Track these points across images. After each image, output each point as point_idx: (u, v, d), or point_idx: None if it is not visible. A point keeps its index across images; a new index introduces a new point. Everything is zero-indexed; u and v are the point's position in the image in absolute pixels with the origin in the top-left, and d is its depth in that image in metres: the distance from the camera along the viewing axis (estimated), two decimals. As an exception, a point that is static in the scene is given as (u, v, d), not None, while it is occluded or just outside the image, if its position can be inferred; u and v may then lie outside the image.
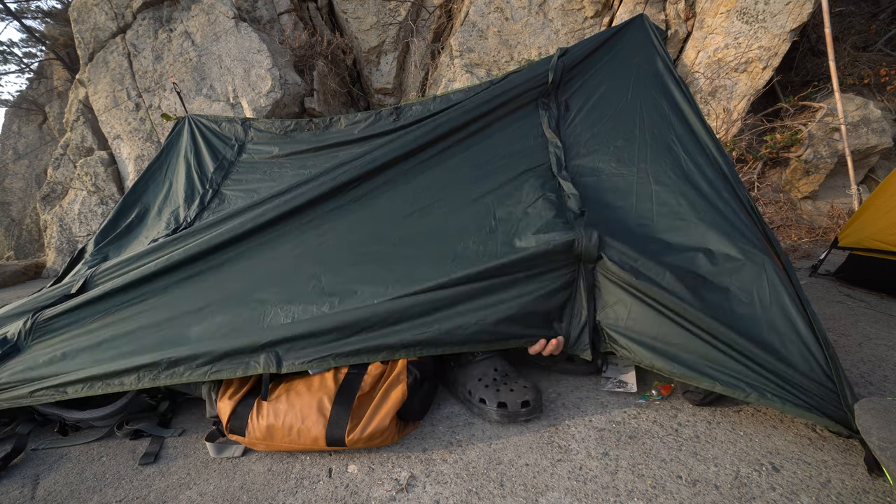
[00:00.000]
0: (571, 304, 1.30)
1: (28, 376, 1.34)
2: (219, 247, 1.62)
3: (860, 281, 2.18)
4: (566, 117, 1.74)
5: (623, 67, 1.74)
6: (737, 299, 1.17)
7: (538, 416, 1.25)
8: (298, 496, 1.04)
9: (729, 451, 1.06)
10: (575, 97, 1.77)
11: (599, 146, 1.62)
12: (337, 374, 1.22)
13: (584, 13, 3.95)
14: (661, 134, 1.54)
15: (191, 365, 1.25)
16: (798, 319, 1.10)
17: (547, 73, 1.77)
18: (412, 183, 1.71)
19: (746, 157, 3.82)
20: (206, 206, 2.16)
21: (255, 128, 2.47)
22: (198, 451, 1.25)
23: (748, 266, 1.19)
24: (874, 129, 3.47)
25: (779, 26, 3.35)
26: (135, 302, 1.55)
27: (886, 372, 1.38)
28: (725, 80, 3.60)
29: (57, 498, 1.12)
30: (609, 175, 1.55)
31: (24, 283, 5.04)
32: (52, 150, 8.05)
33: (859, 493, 0.91)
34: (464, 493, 0.99)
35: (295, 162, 2.19)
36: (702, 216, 1.32)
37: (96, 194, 4.99)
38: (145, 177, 2.50)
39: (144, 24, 4.56)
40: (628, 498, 0.94)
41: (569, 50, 1.80)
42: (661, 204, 1.41)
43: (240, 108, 4.26)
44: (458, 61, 4.25)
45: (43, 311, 1.56)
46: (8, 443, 1.34)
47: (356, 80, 5.25)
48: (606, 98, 1.72)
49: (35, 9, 10.80)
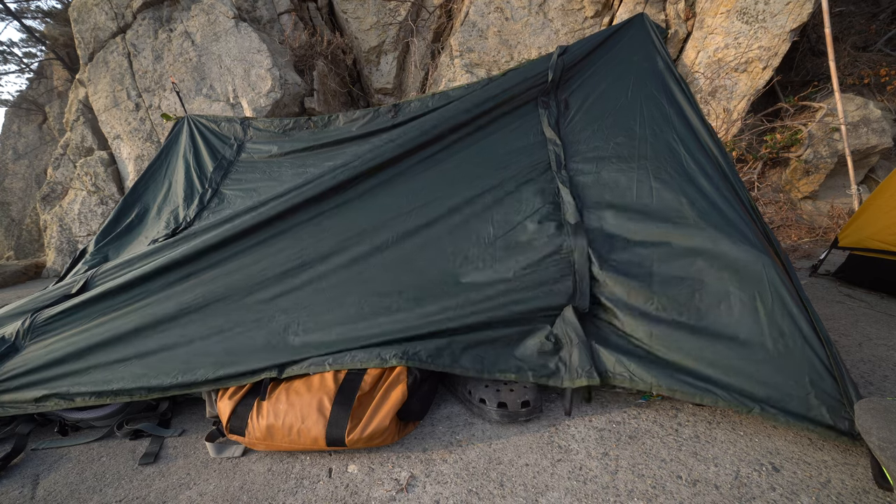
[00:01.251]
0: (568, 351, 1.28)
1: (30, 380, 1.34)
2: (218, 245, 1.62)
3: (860, 281, 2.18)
4: (566, 115, 1.74)
5: (623, 66, 1.74)
6: (737, 305, 1.17)
7: (538, 416, 1.25)
8: (298, 496, 1.04)
9: (729, 451, 1.06)
10: (575, 95, 1.76)
11: (600, 143, 1.62)
12: (337, 374, 1.22)
13: (584, 13, 3.95)
14: (661, 132, 1.54)
15: (199, 380, 1.26)
16: (801, 319, 1.10)
17: (547, 71, 1.77)
18: (411, 183, 1.70)
19: (746, 157, 3.82)
20: (205, 205, 2.16)
21: (254, 127, 2.47)
22: (198, 451, 1.25)
23: (749, 268, 1.19)
24: (874, 129, 3.47)
25: (779, 26, 3.35)
26: (133, 301, 1.55)
27: (886, 372, 1.38)
28: (725, 80, 3.60)
29: (57, 498, 1.12)
30: (609, 171, 1.55)
31: (24, 283, 5.04)
32: (52, 150, 8.05)
33: (859, 493, 0.91)
34: (464, 493, 0.99)
35: (294, 160, 2.19)
36: (702, 215, 1.32)
37: (96, 194, 4.99)
38: (145, 177, 2.51)
39: (144, 24, 4.55)
40: (628, 498, 0.94)
41: (569, 48, 1.80)
42: (660, 200, 1.41)
43: (240, 108, 4.26)
44: (458, 61, 4.25)
45: (41, 312, 1.56)
46: (8, 443, 1.34)
47: (356, 80, 5.25)
48: (606, 96, 1.71)
49: (35, 9, 10.80)
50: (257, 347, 1.34)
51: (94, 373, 1.34)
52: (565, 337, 1.27)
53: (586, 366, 1.20)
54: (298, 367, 1.24)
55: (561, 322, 1.31)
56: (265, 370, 1.25)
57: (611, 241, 1.39)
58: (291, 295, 1.49)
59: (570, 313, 1.30)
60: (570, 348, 1.25)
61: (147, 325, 1.47)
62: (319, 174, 1.74)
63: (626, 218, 1.42)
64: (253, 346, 1.35)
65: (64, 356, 1.39)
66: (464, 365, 1.23)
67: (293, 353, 1.30)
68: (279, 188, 1.78)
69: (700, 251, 1.27)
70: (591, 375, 1.19)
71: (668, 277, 1.28)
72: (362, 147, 1.96)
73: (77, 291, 1.66)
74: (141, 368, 1.33)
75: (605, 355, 1.22)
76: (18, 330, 1.51)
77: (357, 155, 1.75)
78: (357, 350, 1.25)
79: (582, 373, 1.20)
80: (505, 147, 1.72)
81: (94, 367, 1.36)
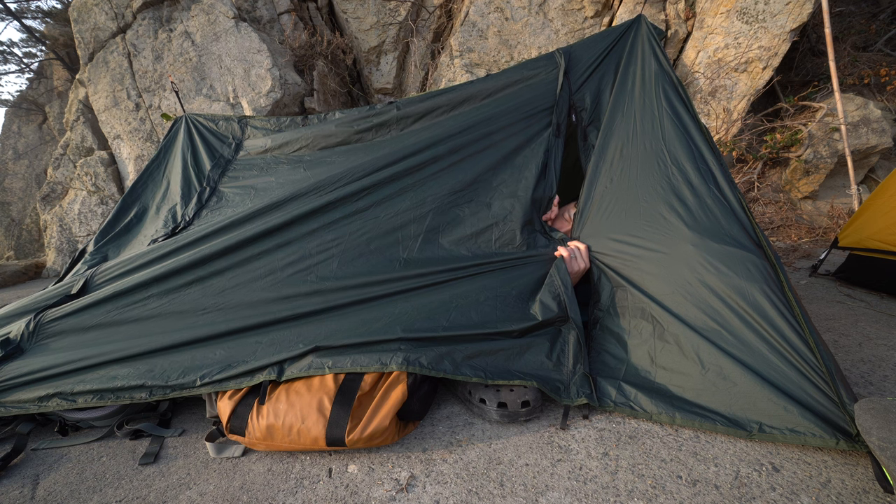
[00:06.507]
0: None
1: (33, 380, 1.34)
2: (222, 252, 1.63)
3: (860, 281, 2.18)
4: (585, 150, 1.74)
5: (622, 80, 1.72)
6: (725, 327, 1.19)
7: (538, 416, 1.25)
8: (298, 496, 1.04)
9: (729, 450, 1.06)
10: (591, 129, 1.76)
11: (599, 160, 1.64)
12: (337, 374, 1.22)
13: (584, 13, 3.95)
14: (652, 145, 1.54)
15: (200, 379, 1.26)
16: (786, 328, 1.11)
17: (550, 94, 1.76)
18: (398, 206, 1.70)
19: (746, 157, 3.82)
20: (204, 204, 2.16)
21: (252, 126, 2.47)
22: (198, 451, 1.25)
23: (734, 274, 1.20)
24: (874, 129, 3.47)
25: (779, 26, 3.35)
26: (139, 305, 1.55)
27: (886, 372, 1.38)
28: (725, 80, 3.60)
29: (57, 498, 1.12)
30: (601, 192, 1.59)
31: (24, 283, 5.04)
32: (52, 150, 8.06)
33: (859, 493, 0.91)
34: (464, 493, 0.99)
35: (291, 158, 2.19)
36: (691, 228, 1.33)
37: (96, 194, 4.99)
38: (144, 176, 2.50)
39: (144, 24, 4.55)
40: (628, 498, 0.94)
41: (570, 68, 1.77)
42: (648, 220, 1.43)
43: (240, 108, 4.26)
44: (458, 61, 4.25)
45: (45, 313, 1.56)
46: (8, 443, 1.34)
47: (356, 80, 5.25)
48: (605, 113, 1.72)
49: (35, 9, 10.81)
50: (259, 351, 1.34)
51: (96, 373, 1.34)
52: (566, 357, 1.30)
53: (586, 389, 1.23)
54: (298, 369, 1.24)
55: (561, 341, 1.34)
56: (266, 368, 1.25)
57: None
58: (295, 300, 1.49)
59: (572, 335, 1.34)
60: (569, 367, 1.28)
61: (149, 328, 1.48)
62: (323, 181, 1.74)
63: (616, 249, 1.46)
64: (255, 349, 1.35)
65: (67, 358, 1.38)
66: (465, 373, 1.24)
67: (294, 353, 1.30)
68: (283, 192, 1.78)
69: (692, 284, 1.29)
70: (592, 398, 1.22)
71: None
72: (356, 151, 1.97)
73: (77, 291, 1.66)
74: (143, 369, 1.33)
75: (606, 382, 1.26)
76: (23, 331, 1.51)
77: (353, 170, 1.75)
78: (358, 354, 1.25)
79: (581, 393, 1.23)
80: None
81: (96, 368, 1.36)
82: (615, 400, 1.21)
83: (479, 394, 1.26)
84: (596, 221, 1.56)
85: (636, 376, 1.25)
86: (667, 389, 1.20)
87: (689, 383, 1.18)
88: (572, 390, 1.23)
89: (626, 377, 1.25)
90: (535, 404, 1.22)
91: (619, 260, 1.44)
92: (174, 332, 1.45)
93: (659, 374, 1.23)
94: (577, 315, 1.36)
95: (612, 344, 1.35)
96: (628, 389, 1.21)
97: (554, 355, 1.31)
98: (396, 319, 1.35)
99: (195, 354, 1.36)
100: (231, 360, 1.31)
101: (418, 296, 1.45)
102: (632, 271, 1.40)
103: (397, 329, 1.30)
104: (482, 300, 1.41)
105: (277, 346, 1.34)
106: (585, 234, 1.57)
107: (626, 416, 1.21)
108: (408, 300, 1.44)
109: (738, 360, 1.13)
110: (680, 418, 1.13)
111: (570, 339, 1.33)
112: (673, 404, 1.15)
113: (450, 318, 1.35)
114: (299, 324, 1.43)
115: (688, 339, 1.22)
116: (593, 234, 1.55)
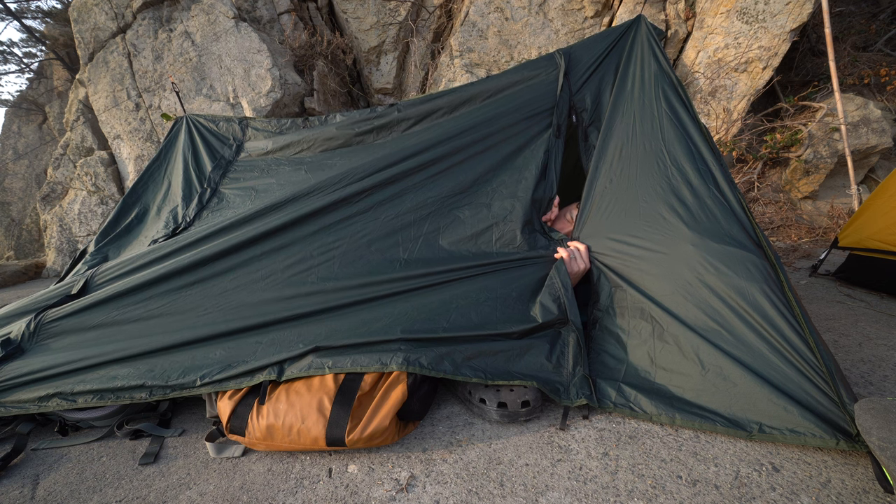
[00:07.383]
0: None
1: (33, 380, 1.34)
2: (224, 253, 1.63)
3: (860, 281, 2.18)
4: (587, 153, 1.74)
5: (622, 81, 1.72)
6: (725, 328, 1.18)
7: (538, 416, 1.25)
8: (298, 496, 1.04)
9: (729, 450, 1.06)
10: (591, 130, 1.76)
11: (599, 161, 1.64)
12: (337, 374, 1.22)
13: (584, 13, 3.95)
14: (651, 145, 1.54)
15: (200, 379, 1.26)
16: (786, 328, 1.11)
17: (550, 95, 1.76)
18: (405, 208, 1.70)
19: (746, 157, 3.82)
20: (204, 204, 2.16)
21: (252, 127, 2.47)
22: (198, 451, 1.25)
23: (734, 276, 1.20)
24: (874, 129, 3.47)
25: (779, 26, 3.35)
26: (140, 306, 1.55)
27: (886, 372, 1.38)
28: (725, 80, 3.60)
29: (57, 498, 1.12)
30: (600, 192, 1.58)
31: (24, 283, 5.04)
32: (52, 150, 8.06)
33: (859, 493, 0.91)
34: (464, 493, 0.99)
35: (292, 160, 2.19)
36: (690, 228, 1.33)
37: (96, 194, 4.99)
38: (145, 177, 2.51)
39: (144, 24, 4.55)
40: (628, 498, 0.94)
41: (570, 69, 1.77)
42: (647, 220, 1.42)
43: (240, 108, 4.26)
44: (458, 61, 4.25)
45: (46, 313, 1.56)
46: (8, 443, 1.34)
47: (356, 80, 5.25)
48: (605, 114, 1.71)
49: (35, 9, 10.82)
50: (259, 351, 1.34)
51: (96, 373, 1.34)
52: (566, 359, 1.31)
53: (586, 390, 1.23)
54: (298, 369, 1.24)
55: (561, 343, 1.34)
56: (266, 368, 1.25)
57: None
58: (295, 301, 1.49)
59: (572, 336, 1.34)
60: (569, 369, 1.28)
61: (150, 328, 1.48)
62: (324, 182, 1.74)
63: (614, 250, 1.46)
64: (255, 349, 1.35)
65: (67, 358, 1.38)
66: (465, 374, 1.24)
67: (294, 353, 1.30)
68: (284, 193, 1.78)
69: (691, 285, 1.29)
70: (592, 400, 1.22)
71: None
72: (357, 153, 1.97)
73: (78, 292, 1.67)
74: (143, 369, 1.33)
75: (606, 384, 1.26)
76: (24, 331, 1.51)
77: (356, 170, 1.75)
78: (358, 354, 1.25)
79: (581, 395, 1.23)
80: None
81: (96, 368, 1.36)
82: (615, 401, 1.21)
83: (479, 394, 1.26)
84: (595, 221, 1.56)
85: (636, 377, 1.25)
86: (666, 390, 1.19)
87: (688, 384, 1.18)
88: (572, 392, 1.23)
89: (626, 378, 1.25)
90: (535, 404, 1.22)
91: (618, 260, 1.44)
92: (174, 332, 1.45)
93: (659, 374, 1.23)
94: (576, 317, 1.36)
95: (611, 344, 1.35)
96: (628, 390, 1.21)
97: (554, 357, 1.31)
98: (397, 320, 1.35)
99: (195, 354, 1.36)
100: (231, 360, 1.31)
101: (418, 296, 1.46)
102: (631, 271, 1.40)
103: (397, 329, 1.30)
104: (482, 301, 1.41)
105: (277, 346, 1.34)
106: (585, 235, 1.57)
107: (626, 416, 1.21)
108: (408, 300, 1.44)
109: (738, 361, 1.13)
110: (680, 419, 1.13)
111: (569, 342, 1.33)
112: (673, 405, 1.15)
113: (450, 318, 1.35)
114: (299, 324, 1.43)
115: (687, 340, 1.22)
116: (593, 234, 1.55)
